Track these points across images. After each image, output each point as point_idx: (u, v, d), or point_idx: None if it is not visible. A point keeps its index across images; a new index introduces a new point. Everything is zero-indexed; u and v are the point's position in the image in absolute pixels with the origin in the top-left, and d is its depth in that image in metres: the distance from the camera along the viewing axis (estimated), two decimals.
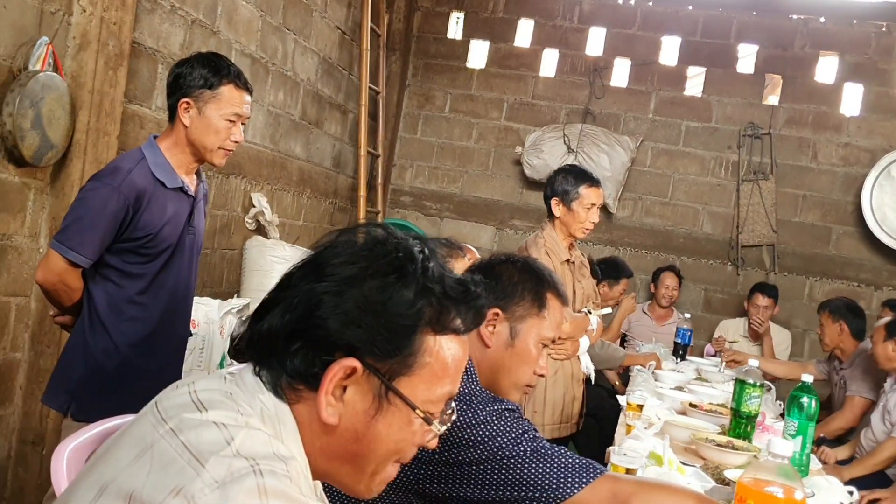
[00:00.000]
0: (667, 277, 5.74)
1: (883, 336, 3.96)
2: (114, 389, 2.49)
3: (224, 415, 0.94)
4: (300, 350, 0.99)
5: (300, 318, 0.99)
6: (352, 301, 0.98)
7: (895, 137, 6.02)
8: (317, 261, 1.03)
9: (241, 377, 1.02)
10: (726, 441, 2.70)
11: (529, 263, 1.84)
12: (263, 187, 4.84)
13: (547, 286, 1.79)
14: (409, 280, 1.01)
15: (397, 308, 0.99)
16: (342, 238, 1.06)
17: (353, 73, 5.94)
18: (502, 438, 1.52)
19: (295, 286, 1.02)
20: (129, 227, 2.42)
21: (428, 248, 1.06)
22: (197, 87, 2.46)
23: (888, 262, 6.03)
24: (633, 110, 6.49)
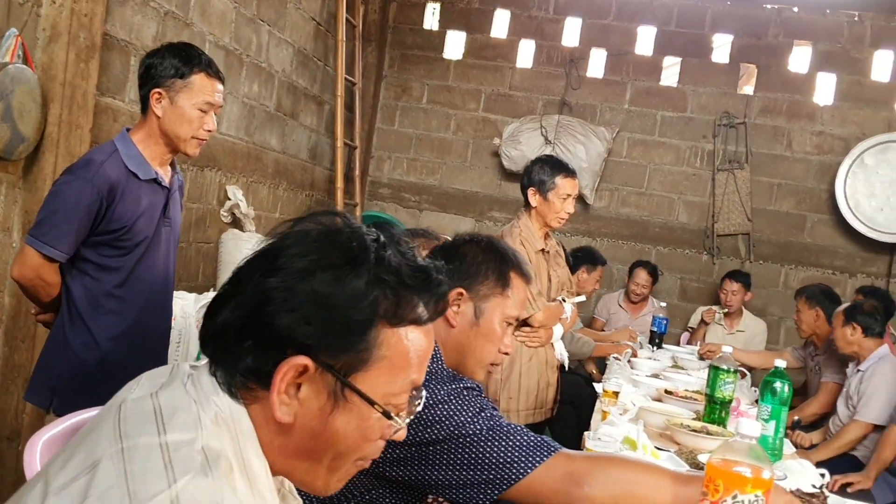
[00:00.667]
0: (640, 273, 5.77)
1: (842, 321, 4.03)
2: (95, 384, 2.47)
3: (180, 441, 0.89)
4: (251, 348, 0.95)
5: (250, 315, 0.95)
6: (302, 296, 0.94)
7: (868, 126, 6.08)
8: (269, 253, 0.99)
9: (199, 377, 0.98)
10: (701, 426, 2.73)
11: (493, 243, 1.84)
12: (239, 180, 4.82)
13: (510, 265, 1.80)
14: (362, 271, 0.96)
15: (349, 302, 0.95)
16: (296, 228, 1.02)
17: (328, 65, 5.92)
18: (459, 417, 1.52)
19: (247, 279, 0.98)
20: (104, 219, 2.41)
21: (385, 236, 1.02)
22: (168, 76, 2.45)
23: (862, 249, 6.10)
24: (609, 101, 6.51)
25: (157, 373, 1.05)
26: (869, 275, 6.08)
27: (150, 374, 1.05)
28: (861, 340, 3.99)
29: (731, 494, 1.27)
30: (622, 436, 2.25)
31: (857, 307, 4.04)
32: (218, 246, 4.62)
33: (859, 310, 4.01)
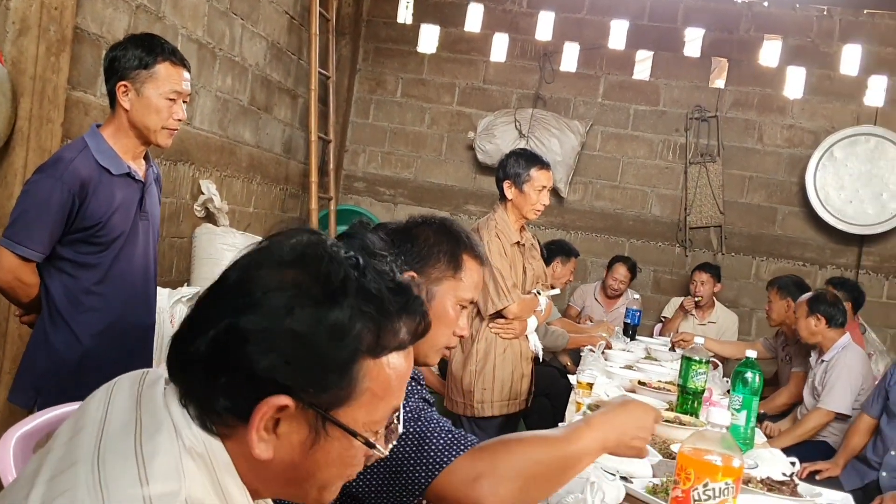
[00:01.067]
0: (619, 268, 5.79)
1: (806, 311, 4.07)
2: (79, 382, 2.46)
3: (163, 493, 0.86)
4: (227, 386, 0.92)
5: (225, 353, 0.91)
6: (281, 336, 0.90)
7: (837, 119, 6.16)
8: (242, 284, 0.94)
9: (169, 409, 0.94)
10: (673, 417, 2.76)
11: (446, 225, 1.79)
12: (212, 174, 4.79)
13: (463, 247, 1.75)
14: (344, 305, 0.92)
15: (331, 340, 0.92)
16: (269, 252, 0.96)
17: (302, 58, 5.89)
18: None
19: (219, 311, 0.93)
20: (77, 217, 2.39)
21: (364, 255, 0.98)
22: (132, 68, 2.43)
23: (831, 240, 6.19)
24: (582, 95, 6.54)
25: (133, 389, 1.01)
26: (838, 266, 6.17)
27: (127, 385, 1.03)
28: (825, 331, 4.04)
29: (703, 482, 1.29)
30: None
31: (821, 298, 4.08)
32: (192, 241, 4.59)
33: (823, 300, 4.06)
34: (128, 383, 1.02)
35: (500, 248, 3.49)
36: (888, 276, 6.13)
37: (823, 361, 4.06)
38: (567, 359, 5.20)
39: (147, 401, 0.97)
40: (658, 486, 1.98)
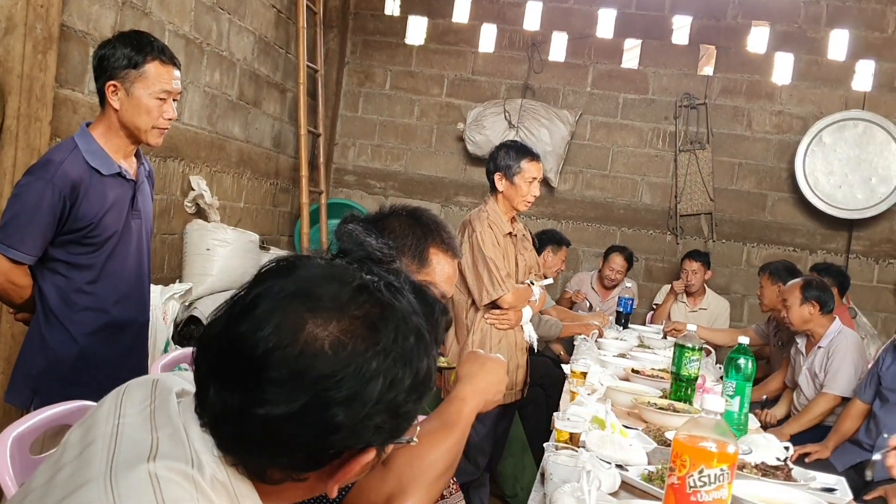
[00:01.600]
0: (616, 258, 5.77)
1: (799, 300, 4.02)
2: (75, 381, 2.46)
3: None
4: (304, 455, 0.91)
5: (311, 436, 0.90)
6: (372, 421, 0.91)
7: (825, 104, 6.18)
8: (321, 369, 0.89)
9: (188, 432, 0.93)
10: (667, 404, 2.78)
11: (416, 216, 1.76)
12: (202, 170, 4.78)
13: (431, 240, 1.72)
14: (424, 364, 0.95)
15: (418, 400, 0.95)
16: (329, 313, 0.91)
17: (290, 52, 5.88)
18: None
19: (300, 391, 0.88)
20: (69, 218, 2.38)
21: (407, 282, 1.00)
22: (122, 67, 2.41)
23: (821, 226, 6.21)
24: (571, 84, 6.54)
25: (144, 402, 1.00)
26: (829, 251, 6.20)
27: (138, 397, 1.02)
28: (818, 318, 4.04)
29: (698, 469, 1.30)
30: (591, 415, 2.28)
31: (813, 285, 4.07)
32: (183, 237, 4.58)
33: (815, 287, 4.04)
34: (139, 395, 1.01)
35: (493, 239, 3.49)
36: (878, 259, 6.16)
37: (820, 348, 4.06)
38: (560, 348, 5.22)
39: (162, 419, 0.96)
40: (653, 473, 2.00)
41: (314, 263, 0.97)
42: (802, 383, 4.15)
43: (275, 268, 0.97)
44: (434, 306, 0.99)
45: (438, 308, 1.00)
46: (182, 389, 1.01)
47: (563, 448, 1.96)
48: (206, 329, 0.96)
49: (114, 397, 1.03)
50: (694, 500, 1.30)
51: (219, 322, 0.95)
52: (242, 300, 0.94)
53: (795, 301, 4.04)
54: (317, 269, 0.96)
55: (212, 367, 0.93)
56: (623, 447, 2.10)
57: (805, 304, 4.01)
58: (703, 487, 1.30)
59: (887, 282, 6.11)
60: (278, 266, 0.97)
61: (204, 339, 0.96)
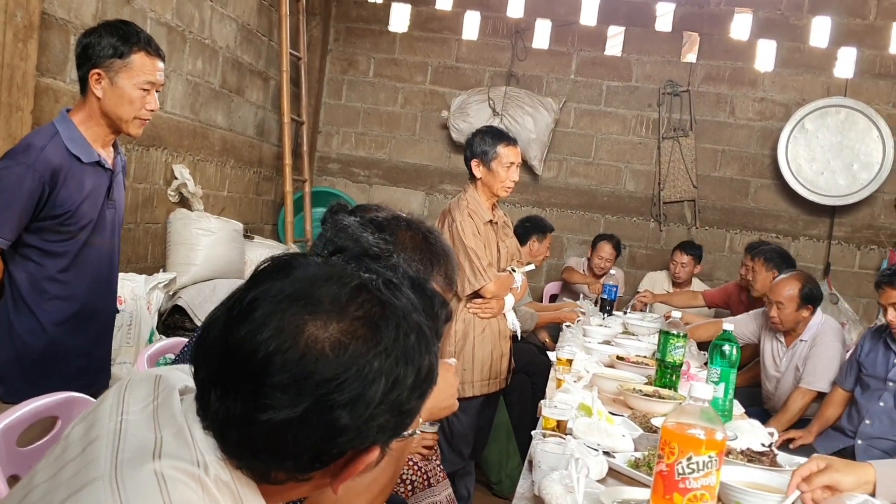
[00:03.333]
0: (604, 247, 5.75)
1: (797, 304, 3.94)
2: (43, 369, 2.45)
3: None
4: (309, 457, 0.91)
5: (316, 439, 0.90)
6: (376, 422, 0.91)
7: (807, 91, 6.21)
8: (323, 372, 0.88)
9: (192, 433, 0.92)
10: (652, 391, 2.79)
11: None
12: (185, 158, 4.74)
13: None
14: (427, 362, 0.95)
15: (421, 397, 0.95)
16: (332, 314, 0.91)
17: (273, 40, 5.83)
18: None
19: (302, 394, 0.88)
20: (47, 205, 2.36)
21: (413, 280, 1.00)
22: (107, 56, 2.39)
23: (804, 212, 6.25)
24: (555, 72, 6.54)
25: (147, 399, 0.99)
26: (811, 237, 6.24)
27: (141, 393, 1.00)
28: (808, 317, 4.00)
29: (686, 456, 1.31)
30: (577, 403, 2.29)
31: (807, 286, 3.95)
32: (166, 226, 4.55)
33: (808, 289, 3.94)
34: (142, 391, 1.01)
35: (473, 228, 3.48)
36: (859, 245, 6.21)
37: (803, 341, 4.03)
38: (545, 335, 5.23)
39: (165, 417, 0.95)
40: (640, 459, 2.01)
41: (311, 262, 0.96)
42: (786, 375, 4.13)
43: (271, 268, 0.96)
44: (433, 300, 0.99)
45: (438, 302, 0.99)
46: (185, 386, 1.00)
47: (550, 436, 1.97)
48: (203, 332, 0.95)
49: (116, 393, 1.02)
50: (682, 488, 1.31)
51: (216, 325, 0.93)
52: (240, 303, 0.92)
53: (792, 304, 3.95)
54: (314, 268, 0.94)
55: (212, 372, 0.92)
56: (610, 434, 2.11)
57: (802, 309, 3.96)
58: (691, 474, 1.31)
59: (869, 267, 6.16)
60: (274, 266, 0.96)
61: (202, 342, 0.94)
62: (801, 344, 4.04)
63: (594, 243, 5.84)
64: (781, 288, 3.98)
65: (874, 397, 3.65)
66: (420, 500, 2.64)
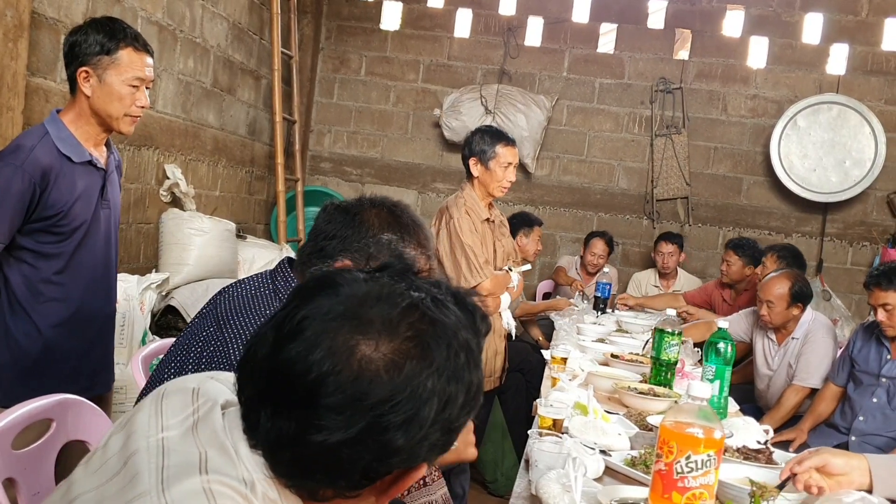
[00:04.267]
0: (597, 243, 5.77)
1: (787, 302, 3.96)
2: (40, 373, 2.43)
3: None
4: (360, 476, 0.91)
5: (370, 462, 0.90)
6: (428, 441, 0.91)
7: (800, 88, 6.22)
8: (375, 398, 0.88)
9: (238, 451, 0.92)
10: (648, 389, 2.79)
11: (395, 213, 1.72)
12: (177, 158, 4.72)
13: (408, 241, 1.69)
14: (475, 378, 0.95)
15: (469, 414, 0.95)
16: (383, 335, 0.90)
17: (264, 38, 5.81)
18: None
19: (355, 416, 0.87)
20: (39, 206, 2.34)
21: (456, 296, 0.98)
22: (94, 54, 2.37)
23: (796, 209, 6.26)
24: (547, 69, 6.53)
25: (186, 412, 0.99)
26: (803, 234, 6.25)
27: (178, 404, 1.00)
28: (798, 315, 4.03)
29: (685, 455, 1.31)
30: (573, 401, 2.29)
31: (797, 284, 3.97)
32: (158, 226, 4.53)
33: (798, 287, 3.96)
34: (179, 403, 1.00)
35: (470, 226, 3.48)
36: (852, 242, 6.22)
37: (795, 339, 4.05)
38: (539, 333, 5.23)
39: (207, 433, 0.95)
40: (636, 458, 2.00)
41: (357, 279, 0.95)
42: (778, 373, 4.14)
43: (317, 285, 0.95)
44: (475, 315, 0.98)
45: (479, 316, 0.98)
46: (226, 401, 0.99)
47: (546, 435, 1.96)
48: (250, 351, 0.94)
49: (153, 403, 1.01)
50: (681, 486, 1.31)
51: (264, 344, 0.92)
52: (290, 322, 0.91)
53: (782, 303, 3.97)
54: (363, 286, 0.94)
55: (260, 391, 0.91)
56: (606, 432, 2.11)
57: (792, 307, 3.97)
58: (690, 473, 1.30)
59: (861, 264, 6.17)
60: (320, 284, 0.95)
61: (248, 361, 0.94)
62: (793, 342, 4.05)
63: (587, 240, 5.85)
64: (772, 286, 3.99)
65: (867, 393, 3.66)
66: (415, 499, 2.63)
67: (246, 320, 1.66)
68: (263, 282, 1.75)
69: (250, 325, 1.64)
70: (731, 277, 5.18)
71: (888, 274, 3.53)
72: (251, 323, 1.64)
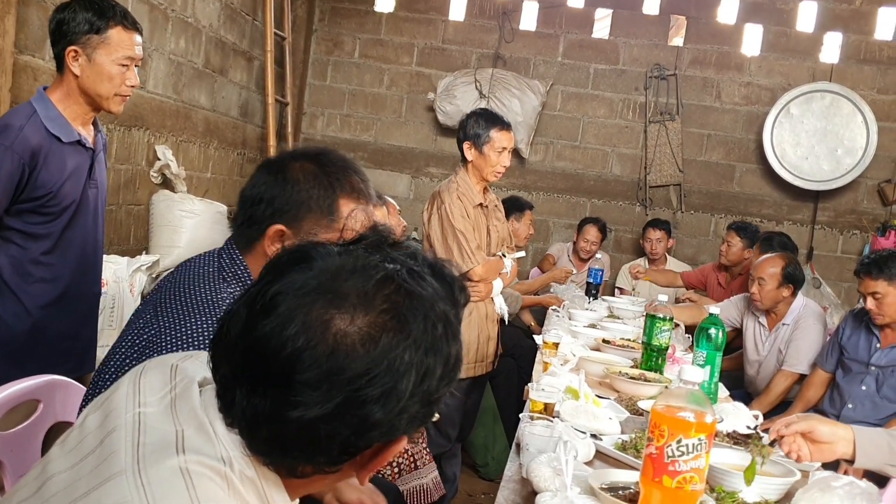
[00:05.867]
0: (590, 230, 5.75)
1: (779, 282, 3.98)
2: (28, 353, 2.42)
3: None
4: (339, 451, 0.91)
5: (348, 436, 0.89)
6: (408, 413, 0.90)
7: (793, 76, 6.22)
8: (352, 369, 0.86)
9: (214, 428, 0.91)
10: (639, 374, 2.80)
11: (320, 163, 1.60)
12: (168, 139, 4.69)
13: (339, 191, 1.58)
14: (446, 351, 0.93)
15: (448, 385, 0.94)
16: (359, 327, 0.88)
17: (257, 19, 5.77)
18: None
19: (332, 390, 0.86)
20: (28, 186, 2.32)
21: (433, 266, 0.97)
22: (83, 32, 2.35)
23: (788, 197, 6.27)
24: (542, 54, 6.51)
25: (164, 390, 0.98)
26: (795, 222, 6.26)
27: (157, 382, 0.99)
28: (789, 298, 4.06)
29: (676, 439, 1.31)
30: (564, 386, 2.29)
31: (790, 265, 4.01)
32: (149, 208, 4.50)
33: (791, 268, 4.00)
34: (158, 380, 0.99)
35: (462, 211, 3.47)
36: (842, 230, 6.24)
37: (785, 325, 4.08)
38: (531, 318, 5.23)
39: (185, 411, 0.94)
40: (627, 442, 2.01)
41: (331, 253, 0.93)
42: (768, 359, 4.16)
43: (289, 259, 0.94)
44: (453, 286, 0.96)
45: (457, 287, 0.97)
46: (204, 378, 0.98)
47: (538, 418, 1.96)
48: (223, 328, 0.93)
49: (130, 381, 1.00)
50: (672, 470, 1.31)
51: (237, 322, 0.91)
52: (262, 298, 0.90)
53: (774, 282, 4.00)
54: (336, 260, 0.92)
55: (235, 369, 0.90)
56: (597, 417, 2.11)
57: (782, 287, 4.00)
58: (681, 457, 1.30)
59: (851, 252, 6.19)
60: (293, 257, 0.94)
61: (221, 339, 0.92)
62: (783, 328, 4.07)
63: (580, 227, 5.84)
64: (765, 265, 4.04)
65: (856, 381, 3.67)
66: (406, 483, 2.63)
67: (183, 307, 1.51)
68: (209, 260, 1.62)
69: (187, 313, 1.49)
70: (729, 259, 5.21)
71: (878, 262, 3.54)
72: (188, 311, 1.50)
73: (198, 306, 1.50)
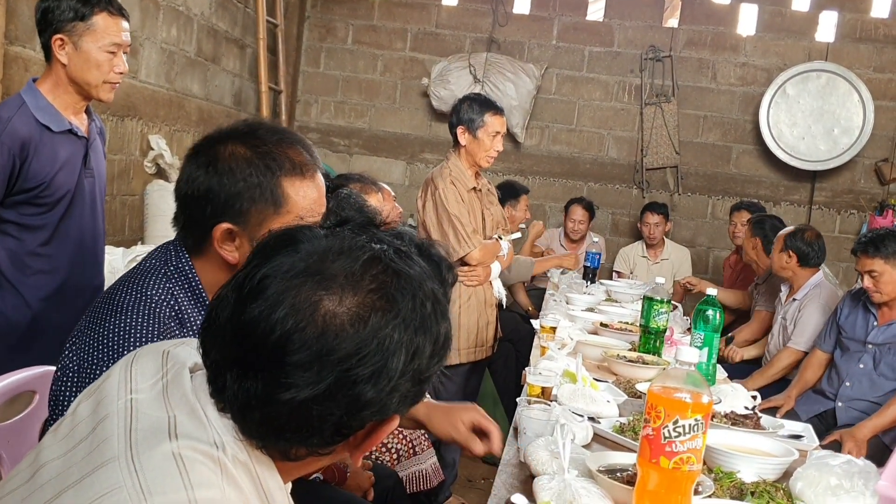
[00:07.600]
0: (576, 210, 5.74)
1: (781, 245, 4.08)
2: (28, 346, 2.41)
3: (207, 498, 0.84)
4: (332, 432, 0.91)
5: (341, 417, 0.89)
6: (399, 393, 0.91)
7: (789, 56, 6.19)
8: (343, 350, 0.87)
9: (206, 413, 0.91)
10: (636, 357, 2.79)
11: (252, 145, 1.43)
12: (161, 129, 4.67)
13: (280, 174, 1.42)
14: (444, 328, 0.94)
15: (438, 363, 0.95)
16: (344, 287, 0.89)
17: (248, 6, 5.73)
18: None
19: (323, 370, 0.86)
20: (20, 178, 2.31)
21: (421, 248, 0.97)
22: (68, 20, 2.33)
23: (785, 177, 6.26)
24: (536, 37, 6.47)
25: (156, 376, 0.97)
26: (792, 202, 6.26)
27: (150, 368, 0.98)
28: (795, 268, 4.07)
29: (672, 420, 1.30)
30: (562, 370, 2.28)
31: (798, 235, 4.07)
32: (143, 198, 4.49)
33: (799, 238, 4.04)
34: (150, 367, 0.99)
35: (456, 195, 3.46)
36: (840, 210, 6.23)
37: (795, 300, 4.10)
38: (528, 303, 5.23)
39: (176, 396, 0.94)
40: (624, 425, 2.00)
41: (318, 235, 0.94)
42: (776, 333, 4.20)
43: (276, 243, 0.94)
44: (440, 265, 0.97)
45: (445, 266, 0.98)
46: (195, 363, 0.98)
47: (535, 402, 1.95)
48: (211, 313, 0.93)
49: (122, 368, 1.00)
50: (669, 451, 1.30)
51: (225, 306, 0.91)
52: (250, 281, 0.90)
53: (778, 246, 4.09)
54: (323, 241, 0.92)
55: (225, 354, 0.90)
56: (595, 400, 2.10)
57: (783, 252, 4.04)
58: (677, 438, 1.29)
59: (849, 232, 6.19)
60: (280, 241, 0.94)
61: (211, 324, 0.92)
62: (793, 303, 4.10)
63: (566, 208, 5.81)
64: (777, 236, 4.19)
65: (854, 359, 3.68)
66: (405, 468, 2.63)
67: (111, 323, 1.40)
68: (155, 262, 1.48)
69: (116, 329, 1.39)
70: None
71: (875, 241, 3.54)
72: (116, 327, 1.39)
73: (132, 323, 1.39)
